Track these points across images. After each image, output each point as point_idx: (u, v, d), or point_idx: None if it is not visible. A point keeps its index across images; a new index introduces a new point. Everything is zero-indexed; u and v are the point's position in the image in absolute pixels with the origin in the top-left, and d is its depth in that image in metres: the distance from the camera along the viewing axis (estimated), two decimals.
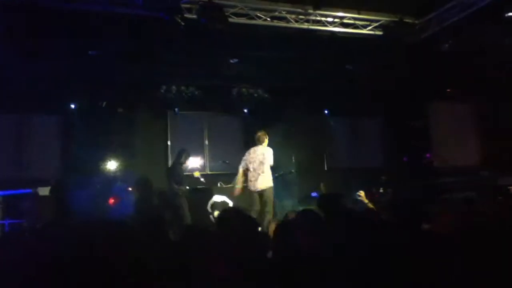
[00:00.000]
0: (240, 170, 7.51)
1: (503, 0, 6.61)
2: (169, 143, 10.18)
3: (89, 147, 8.94)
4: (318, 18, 7.50)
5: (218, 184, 9.07)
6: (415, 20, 7.82)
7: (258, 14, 7.19)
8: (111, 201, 8.69)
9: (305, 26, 7.46)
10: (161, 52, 7.98)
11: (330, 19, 7.58)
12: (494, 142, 9.65)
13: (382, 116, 11.45)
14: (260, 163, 7.28)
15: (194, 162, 10.14)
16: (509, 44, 7.83)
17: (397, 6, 7.41)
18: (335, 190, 9.78)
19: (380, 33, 7.75)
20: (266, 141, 7.46)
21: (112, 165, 9.31)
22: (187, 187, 8.10)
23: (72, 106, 9.35)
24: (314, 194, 9.91)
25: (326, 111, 11.49)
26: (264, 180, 7.23)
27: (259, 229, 4.47)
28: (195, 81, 9.71)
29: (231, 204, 8.64)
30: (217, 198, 8.56)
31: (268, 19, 7.25)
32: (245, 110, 10.77)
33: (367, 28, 7.80)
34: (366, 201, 8.53)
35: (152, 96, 9.65)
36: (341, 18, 7.59)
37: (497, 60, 8.41)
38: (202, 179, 8.40)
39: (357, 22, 7.74)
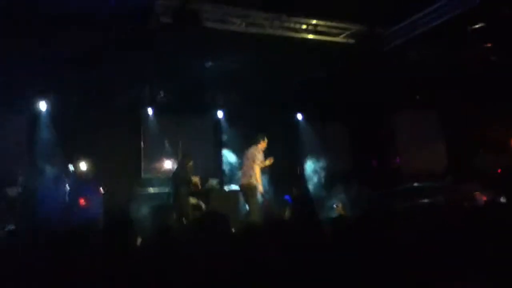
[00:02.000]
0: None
1: (468, 14, 6.88)
2: (142, 145, 10.12)
3: (58, 147, 8.81)
4: (293, 25, 7.62)
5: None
6: (385, 30, 8.04)
7: (233, 20, 7.25)
8: (81, 202, 8.58)
9: (280, 32, 7.57)
10: (135, 53, 7.94)
11: (304, 26, 7.70)
12: (459, 149, 10.00)
13: (352, 121, 11.71)
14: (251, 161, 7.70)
15: (167, 165, 10.15)
16: (471, 55, 8.18)
17: (369, 15, 7.59)
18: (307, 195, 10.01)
19: (352, 41, 7.94)
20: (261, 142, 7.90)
21: (82, 166, 9.18)
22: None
23: (42, 105, 9.19)
24: (286, 196, 10.04)
25: (299, 116, 11.68)
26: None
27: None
28: (170, 84, 9.69)
29: (203, 206, 8.67)
30: (191, 200, 8.57)
31: (243, 24, 7.32)
32: (219, 114, 10.83)
33: (340, 36, 7.97)
34: (342, 212, 8.77)
35: (125, 98, 9.57)
36: (315, 25, 7.73)
37: (460, 70, 8.75)
38: (198, 184, 8.59)
39: (330, 30, 7.90)
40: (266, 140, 7.94)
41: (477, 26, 7.34)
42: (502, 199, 7.15)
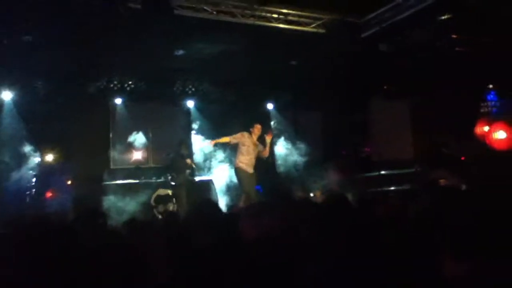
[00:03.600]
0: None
1: (437, 4, 7.00)
2: (110, 135, 9.93)
3: (24, 138, 8.56)
4: (264, 14, 7.58)
5: (162, 178, 8.95)
6: (356, 20, 8.10)
7: (204, 7, 7.15)
8: (49, 195, 8.37)
9: (251, 21, 7.52)
10: (103, 41, 7.73)
11: (275, 15, 7.68)
12: (426, 137, 10.25)
13: (322, 111, 11.80)
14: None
15: (137, 155, 10.00)
16: (440, 45, 8.35)
17: (340, 6, 7.63)
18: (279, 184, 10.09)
19: (323, 31, 7.97)
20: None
21: (49, 157, 8.94)
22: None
23: (6, 94, 8.88)
24: (257, 187, 10.06)
25: (270, 105, 11.68)
26: None
27: None
28: (139, 72, 9.51)
29: (174, 199, 8.60)
30: (161, 191, 8.49)
31: (214, 12, 7.24)
32: (190, 103, 10.70)
33: (311, 26, 7.99)
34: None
35: (93, 87, 9.35)
36: (286, 15, 7.72)
37: (430, 60, 8.93)
38: (194, 166, 9.07)
39: (301, 19, 7.91)
40: (258, 126, 7.92)
41: (444, 17, 7.49)
42: (464, 186, 7.37)
